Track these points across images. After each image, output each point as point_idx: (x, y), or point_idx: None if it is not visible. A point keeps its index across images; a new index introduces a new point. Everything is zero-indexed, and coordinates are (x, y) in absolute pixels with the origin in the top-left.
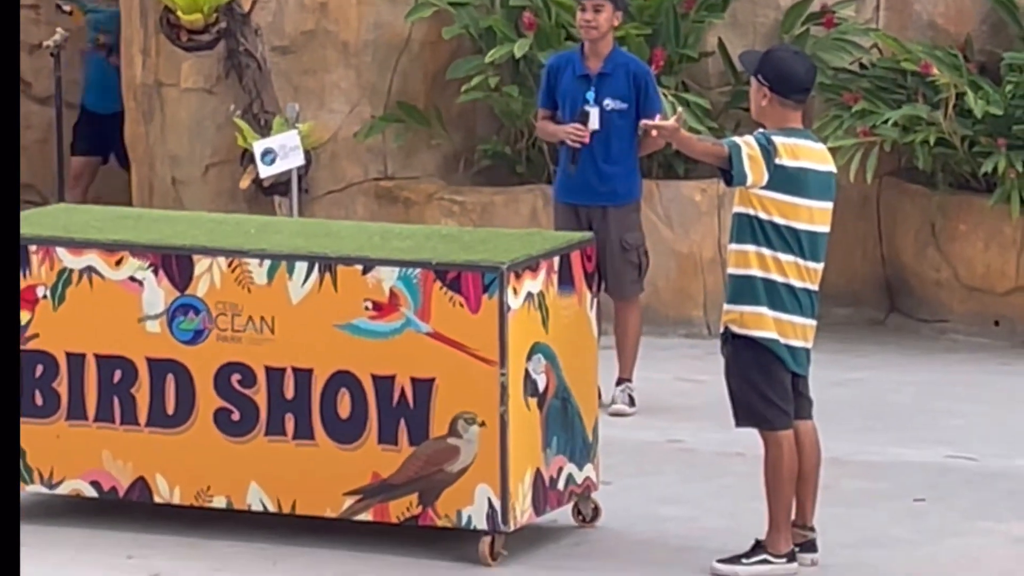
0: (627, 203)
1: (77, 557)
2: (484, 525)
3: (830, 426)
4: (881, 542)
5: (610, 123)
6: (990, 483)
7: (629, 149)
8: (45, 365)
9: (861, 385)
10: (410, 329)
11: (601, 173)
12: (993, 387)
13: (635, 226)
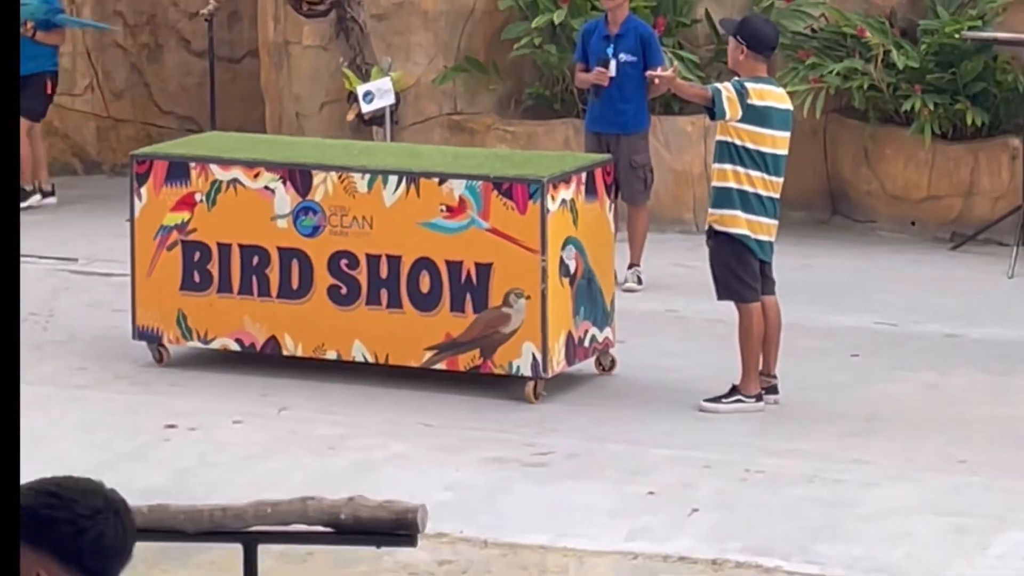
0: (636, 132)
1: (225, 395)
2: (529, 372)
3: (788, 300)
4: (826, 386)
5: (624, 72)
6: (907, 343)
7: (638, 91)
8: (201, 252)
9: (811, 269)
10: (474, 226)
11: (616, 109)
12: (910, 271)
13: (642, 150)
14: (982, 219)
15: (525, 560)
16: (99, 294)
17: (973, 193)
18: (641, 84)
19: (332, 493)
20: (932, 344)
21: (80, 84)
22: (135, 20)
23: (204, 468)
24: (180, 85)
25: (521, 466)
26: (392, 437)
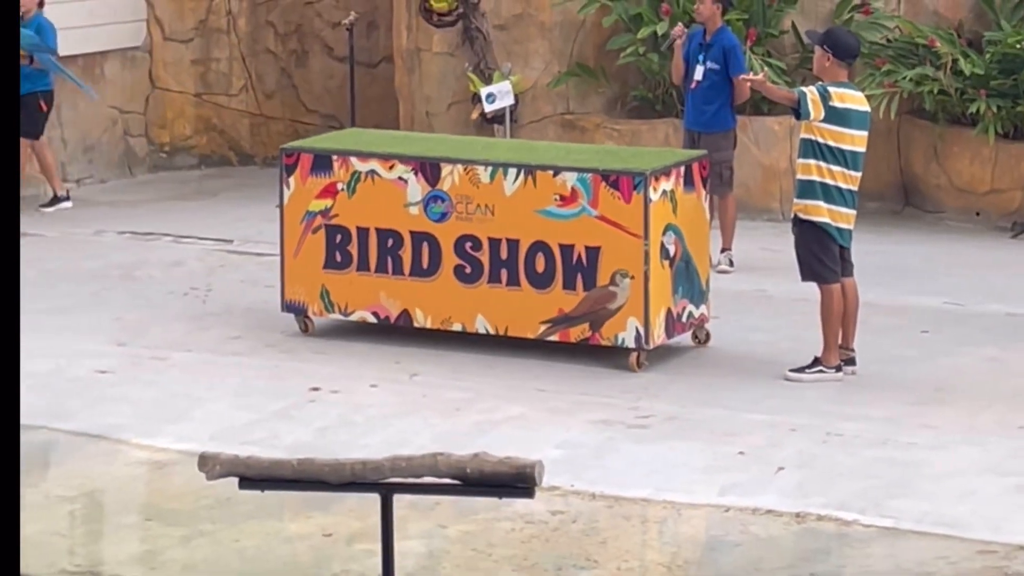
0: (717, 131)
1: (363, 362)
2: (633, 344)
3: (865, 281)
4: (898, 359)
5: (708, 77)
6: (971, 321)
7: (720, 95)
8: (342, 235)
9: (885, 255)
10: (584, 214)
11: (701, 110)
12: (974, 257)
13: (723, 148)
14: None
15: (628, 511)
16: (252, 272)
17: None
18: (723, 89)
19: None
20: (994, 322)
21: (236, 85)
22: (285, 29)
23: (344, 427)
24: (324, 87)
25: (625, 427)
26: (510, 401)
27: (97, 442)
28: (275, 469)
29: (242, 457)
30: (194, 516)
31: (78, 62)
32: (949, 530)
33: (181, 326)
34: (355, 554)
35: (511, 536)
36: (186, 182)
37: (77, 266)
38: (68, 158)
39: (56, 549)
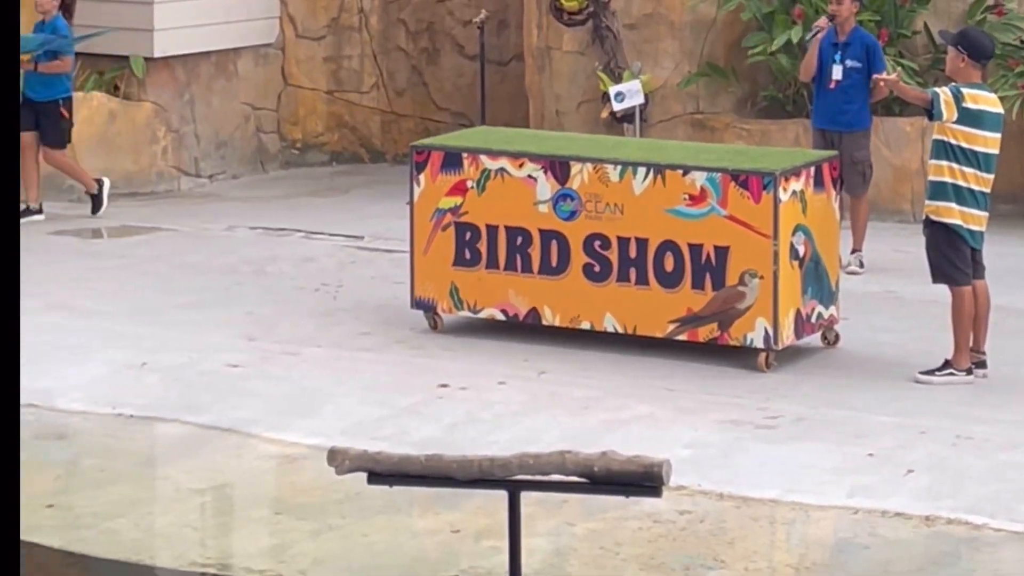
0: (858, 131)
1: (491, 359)
2: (761, 344)
3: (997, 284)
4: None
5: (849, 76)
6: None
7: (860, 93)
8: (471, 232)
9: (1017, 257)
10: (714, 213)
11: (841, 109)
12: None
13: (863, 147)
14: None
15: (756, 512)
16: (382, 268)
17: None
18: (864, 88)
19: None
20: None
21: (367, 83)
22: (416, 27)
23: (472, 423)
24: (454, 85)
25: (753, 428)
26: (638, 399)
27: (228, 436)
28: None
29: (371, 452)
30: (323, 510)
31: (211, 58)
32: None
33: (312, 321)
34: (482, 551)
35: (638, 535)
36: (317, 178)
37: (209, 261)
38: (201, 154)
39: (186, 541)
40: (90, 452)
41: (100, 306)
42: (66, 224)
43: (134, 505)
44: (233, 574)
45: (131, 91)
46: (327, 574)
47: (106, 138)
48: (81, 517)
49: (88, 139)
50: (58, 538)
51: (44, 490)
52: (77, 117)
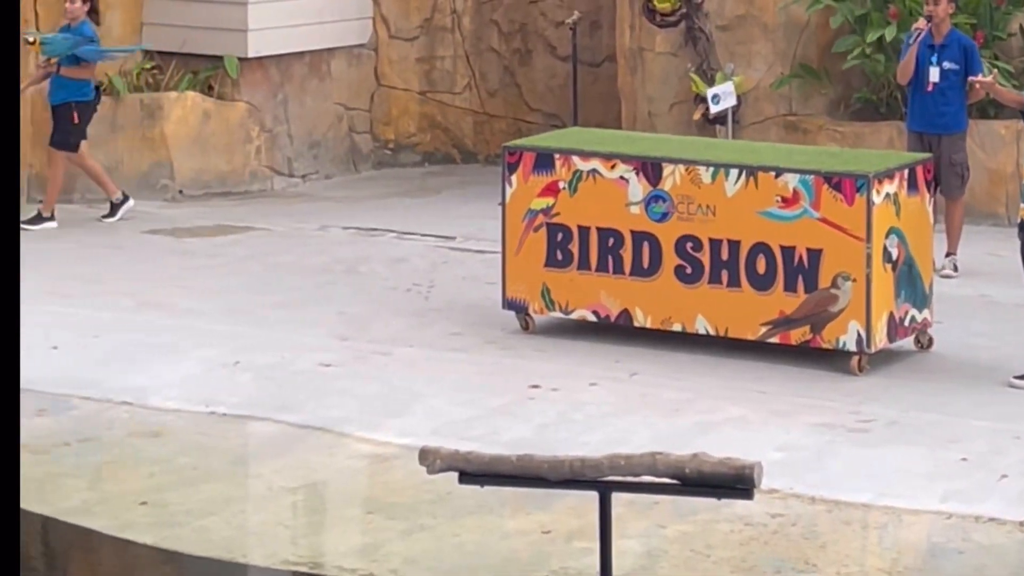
0: (955, 133)
1: (583, 360)
2: (854, 348)
3: None
4: None
5: (946, 78)
6: None
7: (958, 96)
8: (563, 233)
9: None
10: (806, 216)
11: (939, 111)
12: None
13: (960, 149)
14: None
15: (848, 516)
16: (473, 268)
17: None
18: (961, 89)
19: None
20: None
21: (460, 84)
22: (509, 28)
23: (563, 424)
24: (547, 86)
25: (846, 431)
26: (730, 401)
27: (320, 435)
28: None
29: (462, 452)
30: (415, 510)
31: (305, 59)
32: None
33: (403, 321)
34: (573, 552)
35: (730, 538)
36: (410, 179)
37: (302, 261)
38: (294, 154)
39: (279, 539)
40: (183, 450)
41: (193, 305)
42: (159, 223)
43: (227, 503)
44: (325, 572)
45: (225, 91)
46: (418, 573)
47: (200, 138)
48: (174, 515)
49: (182, 139)
50: (151, 535)
51: (138, 487)
52: (171, 116)
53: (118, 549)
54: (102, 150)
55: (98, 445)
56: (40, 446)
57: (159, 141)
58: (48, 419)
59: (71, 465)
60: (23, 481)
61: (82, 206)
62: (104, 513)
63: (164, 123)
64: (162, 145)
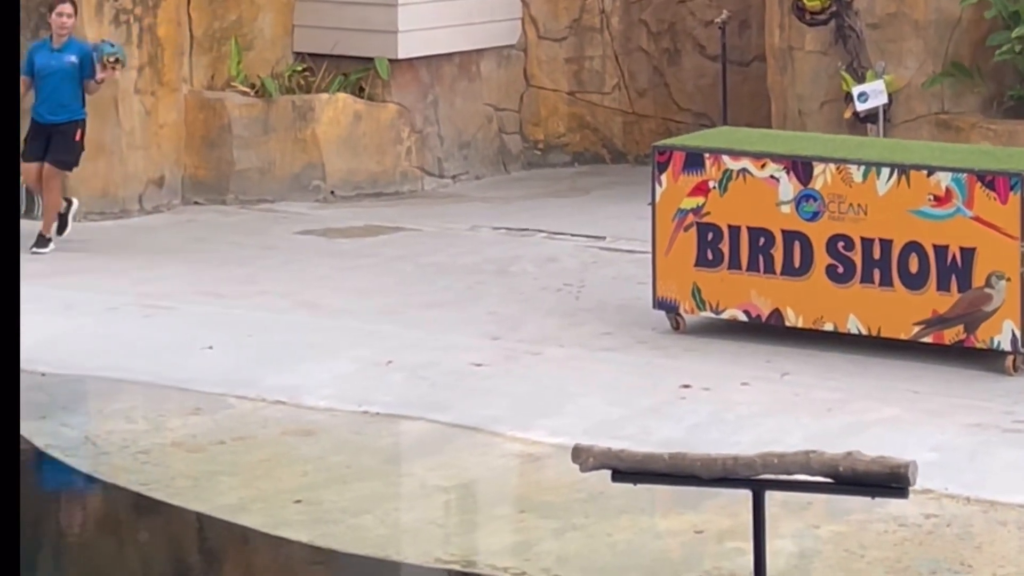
0: None
1: (734, 360)
2: (1008, 347)
3: None
4: None
5: None
6: None
7: None
8: (714, 233)
9: None
10: (959, 214)
11: None
12: None
13: None
14: None
15: (1004, 516)
16: (623, 268)
17: None
18: None
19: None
20: None
21: (608, 84)
22: (657, 28)
23: (715, 424)
24: (696, 85)
25: (1000, 431)
26: (883, 402)
27: (472, 434)
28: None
29: (615, 450)
30: (567, 509)
31: (455, 60)
32: None
33: (554, 321)
34: (726, 552)
35: (884, 538)
36: (559, 179)
37: (453, 261)
38: (444, 154)
39: (431, 538)
40: (336, 449)
41: (345, 305)
42: (311, 224)
43: (380, 501)
44: (478, 571)
45: (375, 92)
46: (571, 572)
47: (351, 139)
48: (328, 512)
49: (334, 140)
50: (306, 533)
51: (292, 486)
52: (322, 118)
53: (273, 547)
54: (255, 152)
55: (253, 443)
56: (196, 444)
57: (311, 142)
58: (204, 417)
59: (227, 463)
60: (179, 479)
61: (235, 207)
62: (259, 511)
63: (316, 124)
64: (314, 146)
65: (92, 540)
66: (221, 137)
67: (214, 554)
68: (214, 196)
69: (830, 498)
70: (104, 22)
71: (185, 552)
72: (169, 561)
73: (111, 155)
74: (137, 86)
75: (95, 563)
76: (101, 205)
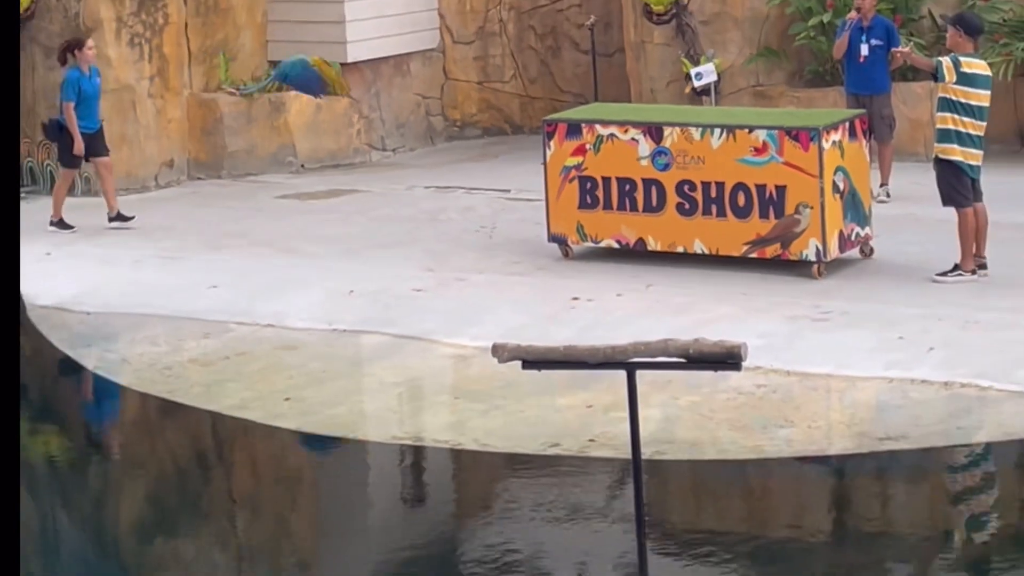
0: (883, 93)
1: (610, 278)
2: (814, 258)
3: (992, 205)
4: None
5: (874, 52)
6: None
7: (883, 65)
8: (591, 183)
9: (1007, 184)
10: (773, 161)
11: (870, 77)
12: None
13: (887, 105)
14: None
15: (815, 384)
16: (525, 213)
17: None
18: (884, 60)
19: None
20: None
21: (507, 75)
22: (542, 31)
23: (598, 326)
24: (573, 73)
25: (810, 321)
26: (722, 302)
27: (416, 342)
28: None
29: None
30: (490, 394)
31: (390, 62)
32: None
33: (474, 255)
34: (610, 420)
35: (727, 404)
36: (473, 148)
37: (396, 213)
38: (386, 133)
39: (389, 421)
40: (314, 357)
41: (317, 249)
42: (287, 190)
43: (349, 395)
44: (425, 444)
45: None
46: (495, 441)
47: (315, 125)
48: (311, 406)
49: (301, 126)
50: (294, 422)
51: (282, 387)
52: (292, 110)
53: (269, 434)
54: (242, 137)
55: (250, 357)
56: (207, 360)
57: (284, 129)
58: (212, 340)
59: (231, 373)
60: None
61: (229, 180)
62: (257, 407)
63: (287, 115)
64: (286, 131)
65: (133, 435)
66: (215, 127)
67: (225, 441)
68: (212, 173)
69: (686, 375)
70: (122, 44)
71: (202, 441)
72: (190, 448)
73: (132, 145)
74: (150, 91)
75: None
76: (126, 183)
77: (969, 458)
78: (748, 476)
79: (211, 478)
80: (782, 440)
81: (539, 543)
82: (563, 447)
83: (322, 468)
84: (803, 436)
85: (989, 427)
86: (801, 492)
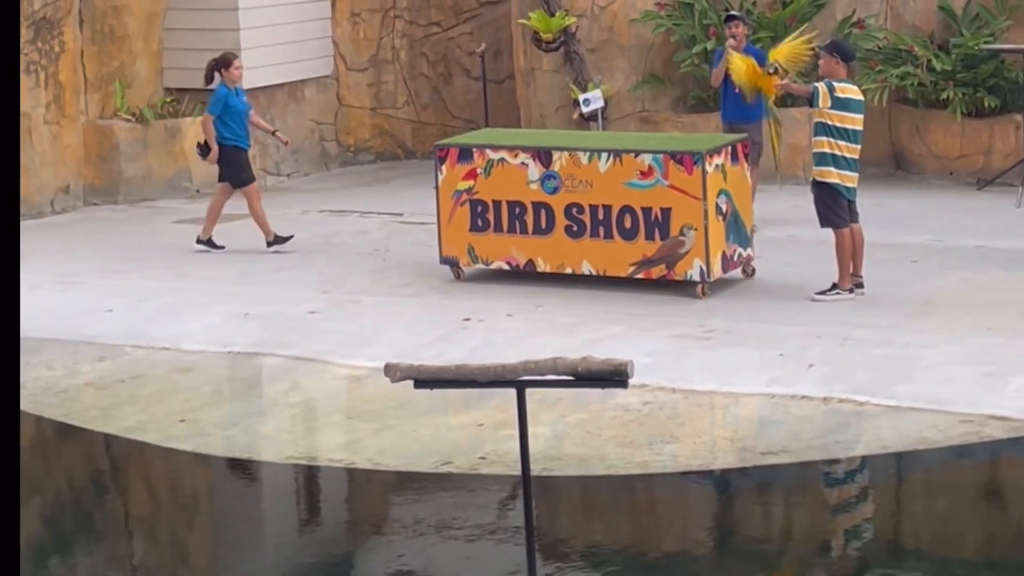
0: (755, 121)
1: (501, 298)
2: (698, 278)
3: (868, 226)
4: (895, 283)
5: None
6: (950, 252)
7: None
8: (482, 206)
9: (883, 207)
10: (659, 184)
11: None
12: (949, 205)
13: (759, 133)
14: (997, 169)
15: (700, 400)
16: (417, 236)
17: (991, 152)
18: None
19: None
20: (966, 253)
21: (400, 101)
22: (434, 58)
23: (489, 346)
24: (464, 99)
25: (695, 339)
26: (610, 322)
27: (310, 363)
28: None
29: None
30: (383, 414)
31: (285, 88)
32: (938, 406)
33: (368, 277)
34: (501, 437)
35: (614, 421)
36: (367, 173)
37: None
38: (280, 158)
39: (283, 441)
40: (210, 380)
41: (212, 273)
42: (183, 215)
43: (244, 417)
44: (319, 463)
45: None
46: (388, 460)
47: None
48: (206, 428)
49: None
50: (190, 444)
51: (177, 409)
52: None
53: (165, 456)
54: (138, 163)
55: (146, 380)
56: (102, 383)
57: (179, 155)
58: (108, 363)
59: (127, 396)
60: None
61: (125, 206)
62: (153, 430)
63: (183, 141)
64: (182, 157)
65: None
66: (111, 154)
67: (120, 463)
68: (108, 198)
69: (574, 393)
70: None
71: (98, 463)
72: (86, 470)
73: (28, 171)
74: (45, 118)
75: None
76: (22, 209)
77: (847, 471)
78: (635, 491)
79: (107, 500)
80: (668, 455)
81: (432, 559)
82: (455, 465)
83: (218, 489)
84: (688, 451)
85: (866, 441)
86: (686, 506)
